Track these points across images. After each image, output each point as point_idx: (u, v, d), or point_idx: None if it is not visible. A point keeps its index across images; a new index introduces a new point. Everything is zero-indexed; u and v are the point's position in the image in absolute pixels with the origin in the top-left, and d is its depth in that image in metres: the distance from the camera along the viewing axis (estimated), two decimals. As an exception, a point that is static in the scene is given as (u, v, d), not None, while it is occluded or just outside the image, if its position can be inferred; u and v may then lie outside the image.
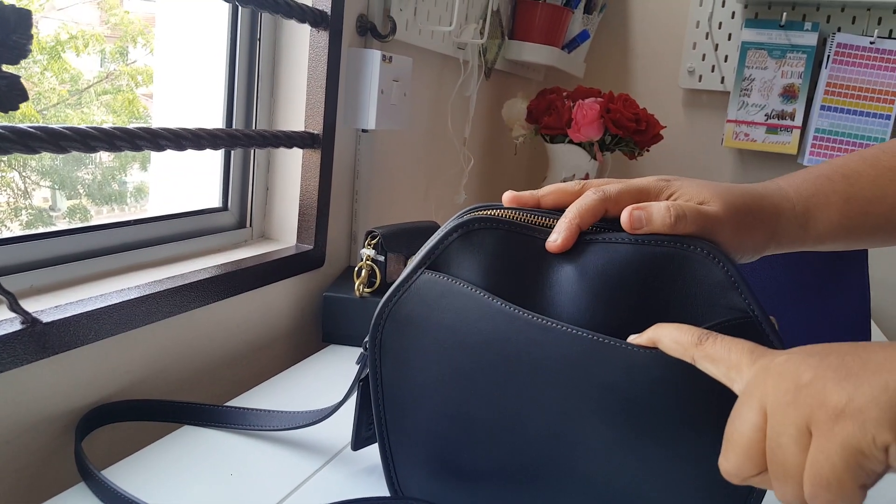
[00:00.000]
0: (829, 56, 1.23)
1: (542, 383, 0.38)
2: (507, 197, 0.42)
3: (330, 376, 0.68)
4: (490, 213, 0.40)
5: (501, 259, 0.40)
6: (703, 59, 1.38)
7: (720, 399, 0.36)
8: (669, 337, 0.35)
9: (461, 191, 1.18)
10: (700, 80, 1.40)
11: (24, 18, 0.42)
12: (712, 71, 1.37)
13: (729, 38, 1.35)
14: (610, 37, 1.50)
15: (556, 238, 0.38)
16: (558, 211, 0.40)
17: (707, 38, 1.36)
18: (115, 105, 0.98)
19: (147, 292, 0.56)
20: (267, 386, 0.65)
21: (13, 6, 0.41)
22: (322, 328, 0.78)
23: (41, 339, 0.46)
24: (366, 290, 0.77)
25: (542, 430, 0.39)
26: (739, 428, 0.29)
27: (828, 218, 0.42)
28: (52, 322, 0.47)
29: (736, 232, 0.40)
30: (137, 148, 0.52)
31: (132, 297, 0.54)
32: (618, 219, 0.39)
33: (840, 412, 0.25)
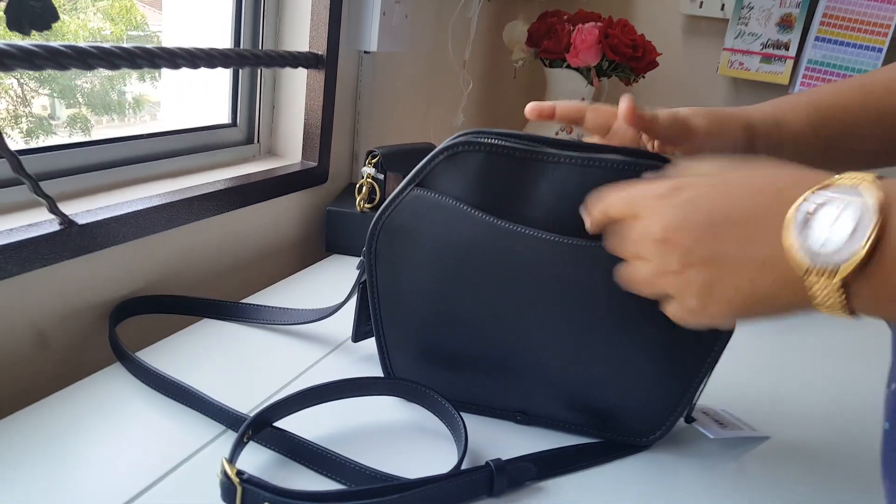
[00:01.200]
0: (829, -14, 1.23)
1: (519, 283, 0.45)
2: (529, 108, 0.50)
3: (332, 281, 0.76)
4: (474, 138, 0.46)
5: (483, 177, 0.45)
6: (706, -15, 1.37)
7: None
8: (604, 206, 0.39)
9: (459, 113, 1.21)
10: (701, 7, 1.39)
11: (52, -58, 0.45)
12: (714, -3, 1.37)
13: (733, -36, 1.33)
14: (615, -42, 1.48)
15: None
16: (539, 139, 0.45)
17: (711, -38, 1.35)
18: (112, 12, 0.98)
19: (167, 200, 0.62)
20: (275, 288, 0.72)
21: (42, -69, 0.44)
22: (325, 239, 0.84)
23: (77, 239, 0.52)
24: (366, 205, 0.83)
25: (519, 323, 0.46)
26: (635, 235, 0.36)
27: (797, 118, 0.48)
28: (87, 224, 0.53)
29: (707, 134, 0.47)
30: (156, 66, 0.56)
31: (155, 204, 0.60)
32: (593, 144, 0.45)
33: (699, 305, 0.34)
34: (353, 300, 0.56)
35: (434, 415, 0.48)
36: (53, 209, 0.51)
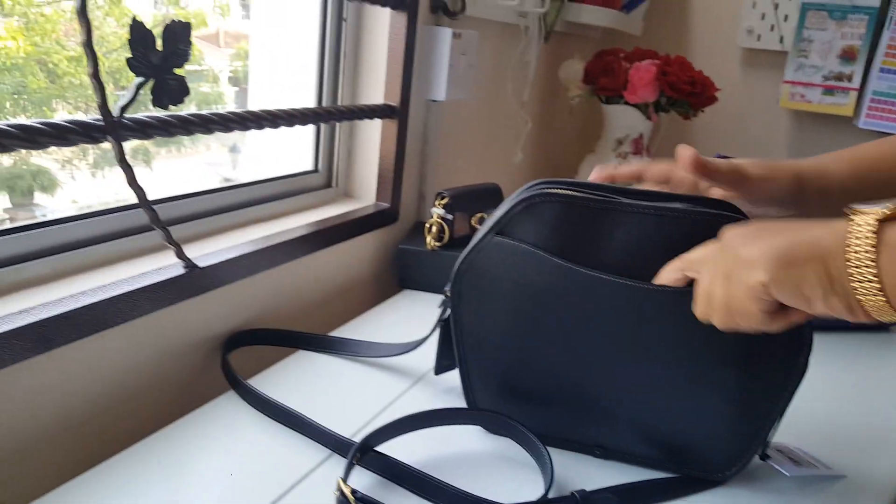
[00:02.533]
0: (892, 17, 1.23)
1: (596, 326, 0.49)
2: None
3: (406, 315, 0.81)
4: (550, 189, 0.49)
5: (560, 226, 0.49)
6: (763, 19, 1.39)
7: (745, 339, 0.45)
8: (666, 271, 0.46)
9: (518, 151, 1.26)
10: (758, 40, 1.41)
11: (186, 30, 0.53)
12: (771, 30, 1.39)
13: (790, -2, 1.35)
14: (669, -5, 1.51)
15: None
16: (610, 188, 0.49)
17: (767, -3, 1.37)
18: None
19: (266, 244, 0.69)
20: (357, 322, 0.78)
21: (179, 21, 0.52)
22: (398, 275, 0.90)
23: (198, 280, 0.59)
24: (435, 243, 0.88)
25: (596, 363, 0.49)
26: (701, 285, 0.43)
27: (840, 168, 0.53)
28: (206, 267, 0.60)
29: (760, 179, 0.51)
30: (261, 127, 0.63)
31: (258, 247, 0.67)
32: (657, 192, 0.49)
33: (743, 262, 0.38)
34: (435, 335, 0.60)
35: (519, 445, 0.52)
36: (180, 254, 0.58)
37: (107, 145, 0.50)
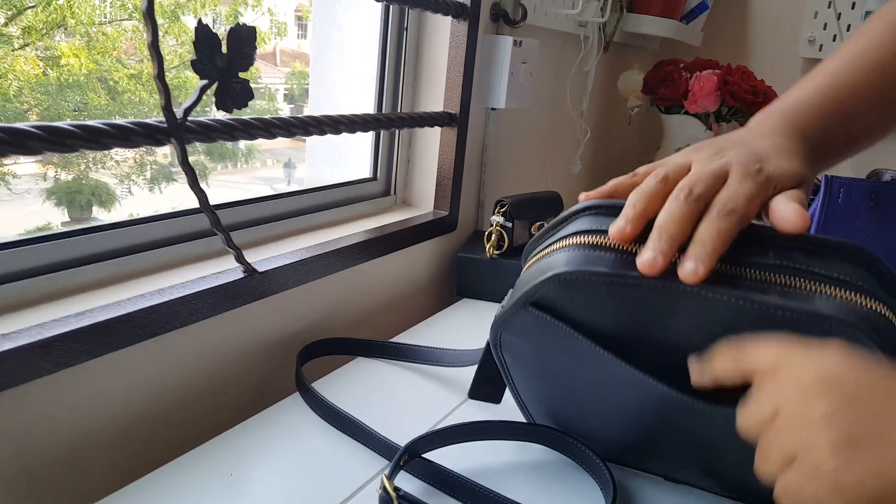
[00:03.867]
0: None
1: (635, 417, 0.43)
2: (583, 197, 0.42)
3: (465, 324, 0.79)
4: (590, 240, 0.39)
5: (601, 307, 0.39)
6: (825, 29, 1.33)
7: None
8: (718, 360, 0.36)
9: (577, 161, 1.24)
10: (820, 50, 1.35)
11: (251, 33, 0.53)
12: (833, 40, 1.33)
13: (852, 7, 1.29)
14: (729, 5, 1.47)
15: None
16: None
17: (829, 6, 1.31)
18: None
19: (325, 251, 0.68)
20: (416, 329, 0.76)
21: (245, 25, 0.52)
22: (457, 283, 0.88)
23: (258, 285, 0.59)
24: (495, 251, 0.86)
25: (652, 426, 0.44)
26: (763, 395, 0.33)
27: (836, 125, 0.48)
28: (265, 272, 0.60)
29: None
30: (323, 132, 0.63)
31: (315, 254, 0.66)
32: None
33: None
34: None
35: (580, 466, 0.49)
36: (240, 258, 0.57)
37: (163, 159, 0.50)
